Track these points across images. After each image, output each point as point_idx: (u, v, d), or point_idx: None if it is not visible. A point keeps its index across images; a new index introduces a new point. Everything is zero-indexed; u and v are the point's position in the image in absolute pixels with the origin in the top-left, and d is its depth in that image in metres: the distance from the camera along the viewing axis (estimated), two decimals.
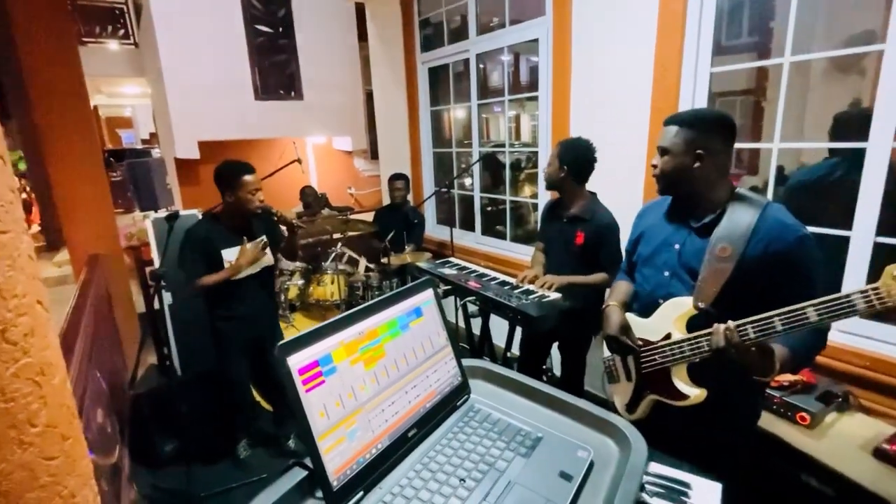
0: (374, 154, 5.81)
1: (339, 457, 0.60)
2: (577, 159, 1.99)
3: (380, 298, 0.72)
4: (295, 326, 3.51)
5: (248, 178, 2.05)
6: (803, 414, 1.52)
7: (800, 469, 1.42)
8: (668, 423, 1.32)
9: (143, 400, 2.44)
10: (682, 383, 1.25)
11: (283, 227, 2.29)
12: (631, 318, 1.39)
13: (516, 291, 1.91)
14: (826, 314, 0.98)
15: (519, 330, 2.11)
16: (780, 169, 2.04)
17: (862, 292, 0.94)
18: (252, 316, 2.20)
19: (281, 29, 5.47)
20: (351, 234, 3.35)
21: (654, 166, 1.31)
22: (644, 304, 1.38)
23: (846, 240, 1.68)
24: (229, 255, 2.11)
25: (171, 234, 2.09)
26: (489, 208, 3.74)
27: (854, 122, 1.75)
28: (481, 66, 3.70)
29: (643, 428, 0.89)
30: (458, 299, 2.08)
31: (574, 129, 2.50)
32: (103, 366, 2.03)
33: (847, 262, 1.68)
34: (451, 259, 2.45)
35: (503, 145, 3.64)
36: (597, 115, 2.41)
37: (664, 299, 1.31)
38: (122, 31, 6.49)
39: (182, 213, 2.98)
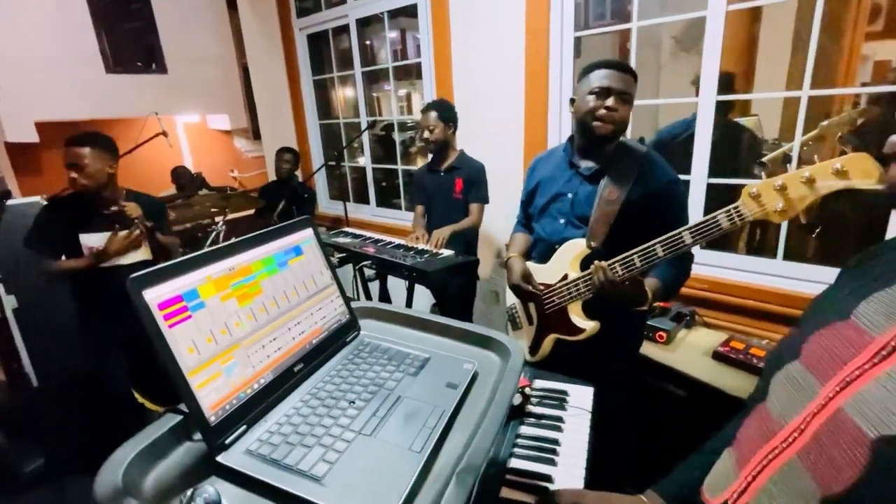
0: (256, 133, 5.41)
1: (216, 392, 0.57)
2: (455, 114, 2.22)
3: (250, 235, 0.69)
4: None
5: (67, 148, 1.78)
6: (661, 333, 1.76)
7: (659, 378, 1.66)
8: (565, 359, 1.45)
9: None
10: (577, 318, 1.36)
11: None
12: (531, 265, 1.48)
13: (410, 252, 1.95)
14: (698, 235, 1.13)
15: (424, 295, 2.16)
16: (641, 140, 2.35)
17: (725, 212, 1.09)
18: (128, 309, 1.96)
19: None
20: (234, 215, 3.12)
21: (615, 109, 1.26)
22: (542, 251, 1.48)
23: (688, 182, 1.97)
24: (89, 240, 1.85)
25: (1, 218, 1.77)
26: (384, 183, 3.72)
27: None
28: (367, 42, 3.62)
29: (543, 367, 0.97)
30: (354, 266, 2.06)
31: (457, 93, 2.56)
32: None
33: (690, 200, 1.96)
34: (346, 229, 2.41)
35: (398, 122, 3.64)
36: (477, 79, 2.49)
37: (560, 245, 1.41)
38: None
39: (19, 200, 2.56)
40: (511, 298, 1.55)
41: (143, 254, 1.97)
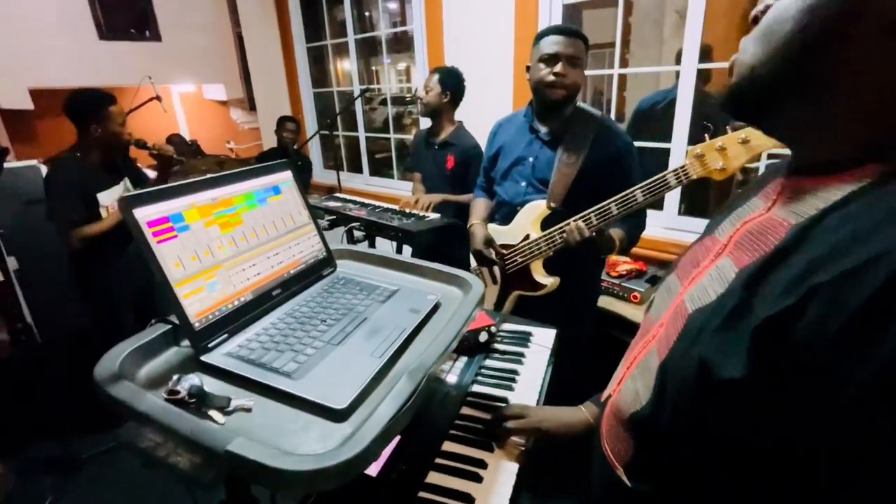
0: (252, 104, 5.39)
1: (200, 303, 0.65)
2: (457, 85, 2.15)
3: (230, 171, 0.76)
4: None
5: (114, 108, 1.91)
6: (636, 293, 1.85)
7: (630, 334, 1.75)
8: (529, 313, 1.54)
9: None
10: (539, 275, 1.46)
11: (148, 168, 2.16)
12: (493, 228, 1.56)
13: (398, 215, 2.01)
14: (649, 193, 1.22)
15: (409, 252, 2.23)
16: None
17: (673, 171, 1.18)
18: (131, 269, 2.05)
19: None
20: None
21: (563, 74, 1.33)
22: (505, 214, 1.56)
23: (668, 150, 2.02)
24: (105, 198, 1.93)
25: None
26: (378, 155, 3.76)
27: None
28: (367, 13, 3.61)
29: None
30: (344, 228, 2.13)
31: (448, 60, 2.59)
32: None
33: (669, 164, 2.03)
34: (337, 195, 2.47)
35: (401, 95, 3.66)
36: (469, 48, 2.52)
37: (521, 206, 1.49)
38: None
39: (15, 163, 2.61)
40: (475, 261, 1.64)
41: None
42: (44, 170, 2.67)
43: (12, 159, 2.89)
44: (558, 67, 1.33)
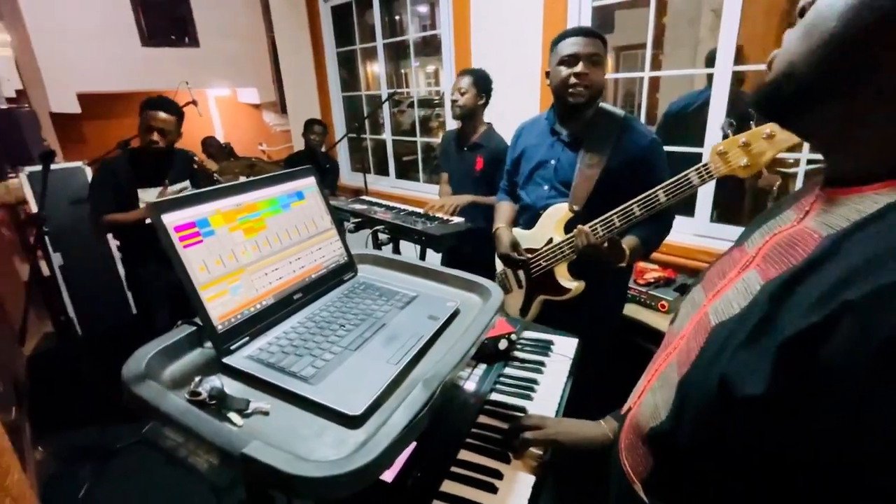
0: (284, 107, 5.53)
1: (223, 306, 0.67)
2: (490, 87, 2.15)
3: (256, 178, 0.77)
4: None
5: (152, 112, 2.01)
6: (663, 302, 1.80)
7: (656, 344, 1.70)
8: (553, 319, 1.52)
9: (42, 362, 2.31)
10: (563, 279, 1.44)
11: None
12: (517, 232, 1.55)
13: (422, 218, 2.02)
14: (672, 194, 1.18)
15: (433, 256, 2.24)
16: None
17: (695, 169, 1.15)
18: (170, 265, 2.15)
19: None
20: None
21: (585, 74, 1.30)
22: (528, 218, 1.54)
23: (700, 155, 1.96)
24: (147, 195, 2.05)
25: (47, 178, 1.92)
26: (404, 157, 3.78)
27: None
28: (397, 17, 3.65)
29: None
30: (370, 231, 2.15)
31: (476, 63, 2.58)
32: None
33: None
34: (363, 197, 2.50)
35: (429, 98, 3.69)
36: (495, 48, 2.51)
37: (544, 210, 1.47)
38: None
39: (63, 164, 2.74)
40: (501, 265, 1.63)
41: None
42: (89, 171, 2.81)
43: (60, 160, 3.05)
44: (579, 67, 1.30)
